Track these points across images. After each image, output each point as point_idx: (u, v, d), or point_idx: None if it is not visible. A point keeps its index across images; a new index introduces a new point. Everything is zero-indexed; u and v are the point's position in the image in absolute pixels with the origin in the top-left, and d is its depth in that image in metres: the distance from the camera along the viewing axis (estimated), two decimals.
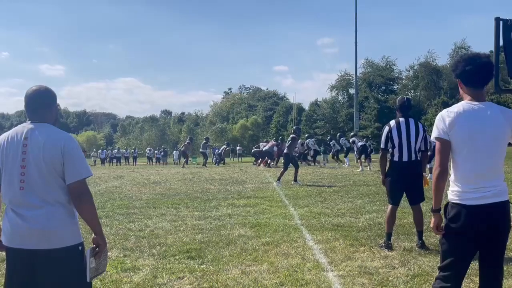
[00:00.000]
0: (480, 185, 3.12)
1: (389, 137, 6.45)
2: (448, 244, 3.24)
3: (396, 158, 6.43)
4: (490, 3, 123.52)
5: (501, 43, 3.90)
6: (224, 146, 37.46)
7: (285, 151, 16.55)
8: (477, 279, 3.40)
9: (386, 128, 6.53)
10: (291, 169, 16.00)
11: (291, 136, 16.00)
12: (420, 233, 6.40)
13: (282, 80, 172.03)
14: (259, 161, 29.25)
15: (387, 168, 6.67)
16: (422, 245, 6.24)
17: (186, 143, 34.13)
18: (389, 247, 6.24)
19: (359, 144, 23.68)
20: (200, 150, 33.90)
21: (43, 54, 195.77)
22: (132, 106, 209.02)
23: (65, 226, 2.91)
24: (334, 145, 27.86)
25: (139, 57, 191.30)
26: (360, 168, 20.55)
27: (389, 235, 6.40)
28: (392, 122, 6.49)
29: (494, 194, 3.13)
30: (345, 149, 26.93)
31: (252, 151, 33.57)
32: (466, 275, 3.44)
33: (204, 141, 34.01)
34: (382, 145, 6.57)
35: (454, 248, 3.21)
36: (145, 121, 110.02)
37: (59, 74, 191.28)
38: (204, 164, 31.65)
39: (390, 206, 6.57)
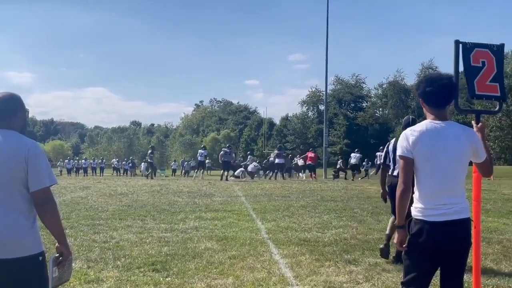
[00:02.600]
0: (442, 202, 3.19)
1: (387, 152, 6.82)
2: (410, 259, 3.30)
3: (395, 173, 6.57)
4: (456, 26, 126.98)
5: (461, 65, 4.03)
6: (149, 151, 32.04)
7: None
8: None
9: (388, 144, 6.93)
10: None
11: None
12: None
13: (253, 94, 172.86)
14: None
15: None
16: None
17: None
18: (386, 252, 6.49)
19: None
20: (148, 160, 31.35)
21: (11, 61, 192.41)
22: (100, 116, 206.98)
23: (25, 235, 2.83)
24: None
25: (110, 67, 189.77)
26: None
27: (388, 237, 6.62)
28: (394, 139, 6.76)
29: (455, 211, 3.20)
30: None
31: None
32: None
33: (150, 151, 31.54)
34: (382, 160, 7.05)
35: (417, 264, 3.26)
36: (113, 131, 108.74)
37: (27, 82, 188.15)
38: (151, 176, 29.82)
39: (392, 216, 6.71)
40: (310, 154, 30.22)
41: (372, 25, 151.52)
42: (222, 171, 26.85)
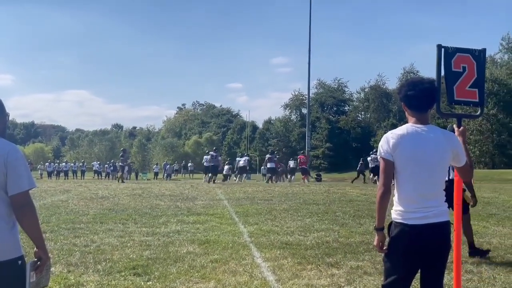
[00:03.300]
0: (422, 205, 3.22)
1: None
2: (391, 262, 3.32)
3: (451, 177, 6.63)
4: (437, 31, 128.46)
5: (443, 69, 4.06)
6: (120, 154, 31.35)
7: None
8: None
9: None
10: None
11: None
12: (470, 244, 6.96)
13: (236, 98, 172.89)
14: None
15: None
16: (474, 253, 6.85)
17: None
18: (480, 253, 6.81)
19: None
20: (119, 163, 30.77)
21: None
22: (82, 119, 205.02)
23: (4, 238, 2.80)
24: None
25: (91, 69, 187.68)
26: None
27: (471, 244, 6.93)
28: None
29: (435, 214, 3.23)
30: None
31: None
32: None
33: (121, 154, 30.78)
34: None
35: (397, 267, 3.28)
36: (95, 134, 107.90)
37: (7, 84, 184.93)
38: (121, 179, 28.97)
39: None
40: (303, 159, 30.50)
41: (355, 29, 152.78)
42: (209, 174, 27.47)
